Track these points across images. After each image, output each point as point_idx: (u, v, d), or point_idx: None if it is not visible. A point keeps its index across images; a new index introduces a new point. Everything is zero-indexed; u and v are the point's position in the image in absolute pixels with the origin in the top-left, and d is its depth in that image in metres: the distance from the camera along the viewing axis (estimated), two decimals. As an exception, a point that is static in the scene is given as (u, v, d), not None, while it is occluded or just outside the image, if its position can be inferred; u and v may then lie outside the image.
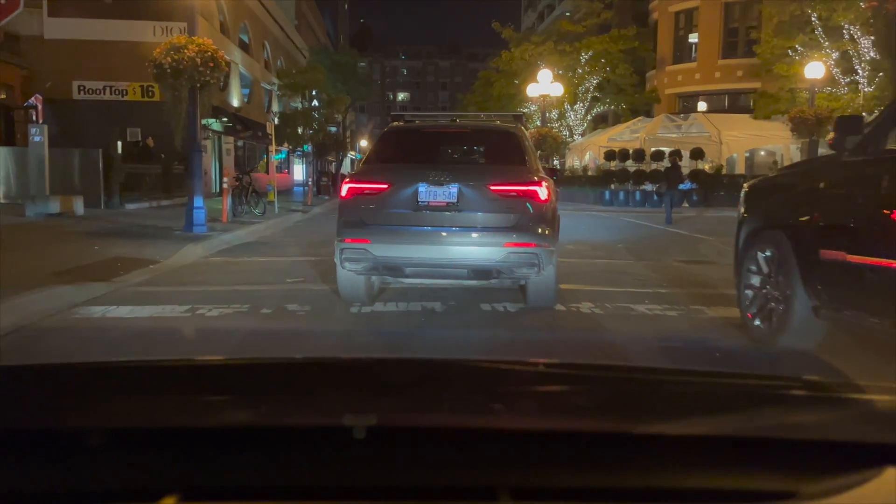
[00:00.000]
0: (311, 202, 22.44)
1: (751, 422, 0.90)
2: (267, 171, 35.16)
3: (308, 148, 37.04)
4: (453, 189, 5.00)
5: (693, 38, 26.85)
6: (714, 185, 21.05)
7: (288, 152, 33.15)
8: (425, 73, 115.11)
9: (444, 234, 5.00)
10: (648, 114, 27.96)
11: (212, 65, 10.40)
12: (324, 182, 29.71)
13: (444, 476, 0.79)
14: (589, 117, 29.55)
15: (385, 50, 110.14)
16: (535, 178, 5.17)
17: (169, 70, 10.26)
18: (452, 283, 5.72)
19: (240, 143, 29.80)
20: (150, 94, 21.85)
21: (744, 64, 25.09)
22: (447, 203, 5.01)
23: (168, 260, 8.26)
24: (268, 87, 31.43)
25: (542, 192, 5.08)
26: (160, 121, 11.55)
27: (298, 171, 40.51)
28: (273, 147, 18.62)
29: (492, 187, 5.04)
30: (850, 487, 0.78)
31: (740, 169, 22.58)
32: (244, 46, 29.36)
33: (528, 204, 5.01)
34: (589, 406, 0.98)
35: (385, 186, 5.14)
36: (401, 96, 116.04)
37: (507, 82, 29.26)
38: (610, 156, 22.84)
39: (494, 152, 5.84)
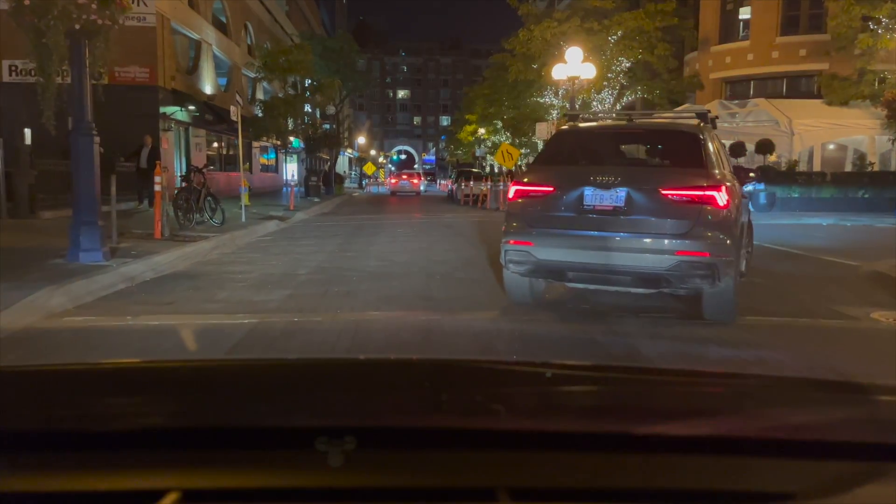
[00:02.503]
0: (293, 206, 18.56)
1: (751, 422, 0.88)
2: (250, 168, 31.24)
3: (298, 144, 33.30)
4: (621, 193, 4.76)
5: (744, 12, 22.83)
6: (786, 185, 17.13)
7: (276, 149, 29.24)
8: (426, 69, 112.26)
9: (609, 239, 4.74)
10: (679, 104, 24.08)
11: (100, -5, 6.52)
12: (313, 182, 25.73)
13: (443, 477, 0.79)
14: (618, 106, 25.59)
15: (384, 46, 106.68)
16: (713, 182, 4.72)
17: (28, 4, 6.38)
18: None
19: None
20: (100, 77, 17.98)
21: (808, 42, 21.16)
22: (614, 207, 4.78)
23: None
24: (251, 74, 27.43)
25: (721, 197, 4.67)
26: (112, 108, 8.92)
27: (292, 171, 36.62)
28: (241, 139, 14.73)
29: (663, 191, 4.73)
30: (851, 488, 0.77)
31: (816, 165, 18.70)
32: (220, 26, 25.43)
33: (703, 210, 4.65)
34: (588, 406, 0.96)
35: (550, 189, 5.05)
36: (401, 94, 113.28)
37: (525, 66, 25.31)
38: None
39: (670, 154, 5.35)
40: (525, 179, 5.29)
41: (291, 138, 26.60)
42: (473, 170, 35.06)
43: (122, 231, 9.94)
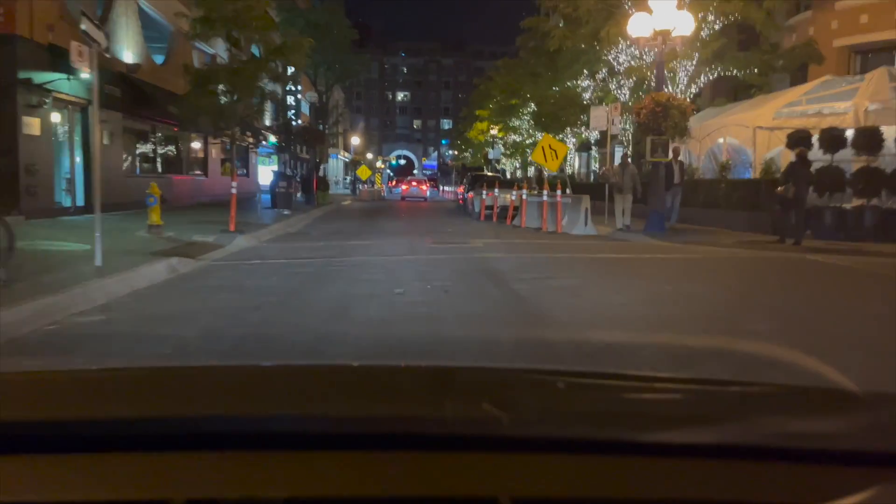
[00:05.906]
0: (235, 226, 11.84)
1: (753, 430, 0.88)
2: (205, 171, 24.48)
3: (274, 142, 26.59)
4: None
5: (885, -48, 16.35)
6: None
7: (230, 144, 22.47)
8: (427, 71, 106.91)
9: None
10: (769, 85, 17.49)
11: None
12: (281, 189, 18.94)
13: (445, 484, 0.78)
14: (693, 88, 18.85)
15: (384, 47, 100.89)
16: None
17: None
18: None
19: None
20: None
21: None
22: None
23: None
24: (209, 50, 20.58)
25: None
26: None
27: (260, 175, 29.79)
28: (97, 112, 8.05)
29: None
30: (852, 496, 0.76)
31: None
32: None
33: None
34: (590, 414, 0.95)
35: None
36: (400, 96, 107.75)
37: (571, 31, 18.71)
38: (799, 141, 12.07)
39: None
40: None
41: (271, 137, 19.77)
42: (488, 174, 28.24)
43: None
